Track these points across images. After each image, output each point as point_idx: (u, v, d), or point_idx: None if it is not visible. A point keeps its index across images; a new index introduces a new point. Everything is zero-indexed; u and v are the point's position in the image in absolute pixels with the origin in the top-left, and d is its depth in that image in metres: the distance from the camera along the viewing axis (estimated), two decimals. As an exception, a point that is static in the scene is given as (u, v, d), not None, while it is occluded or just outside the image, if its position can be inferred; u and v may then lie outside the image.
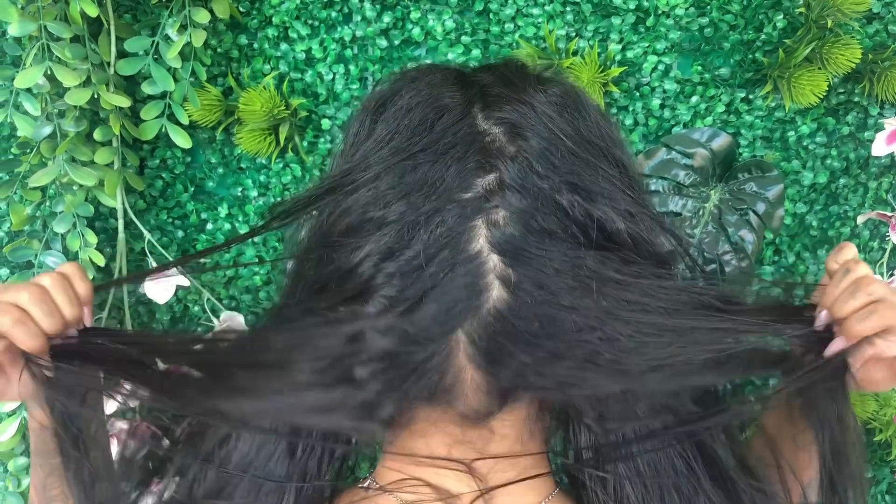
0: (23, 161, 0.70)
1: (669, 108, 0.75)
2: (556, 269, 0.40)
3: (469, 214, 0.40)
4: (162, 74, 0.68)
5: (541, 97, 0.45)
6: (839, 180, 0.77)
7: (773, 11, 0.72)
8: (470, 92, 0.45)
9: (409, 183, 0.41)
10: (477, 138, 0.43)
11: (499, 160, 0.42)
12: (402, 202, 0.41)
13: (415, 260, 0.40)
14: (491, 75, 0.47)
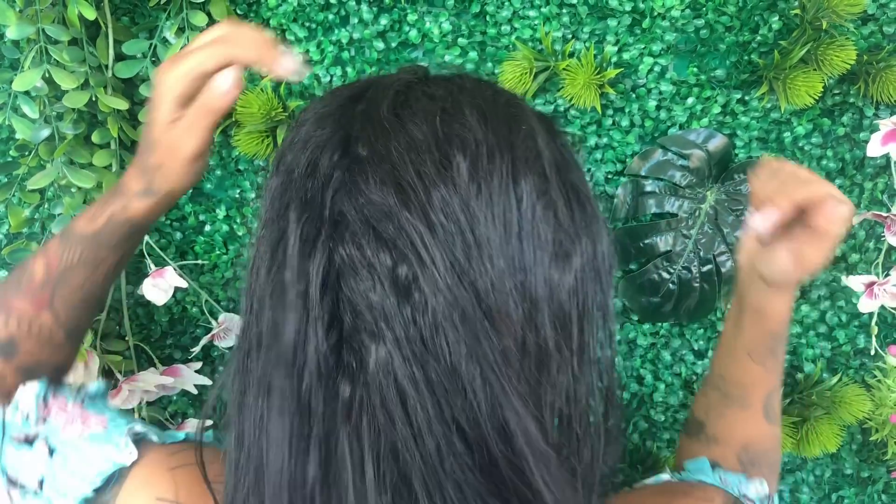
0: (21, 163, 0.70)
1: (665, 110, 0.75)
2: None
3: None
4: (160, 77, 0.68)
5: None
6: (835, 181, 0.77)
7: (769, 13, 0.72)
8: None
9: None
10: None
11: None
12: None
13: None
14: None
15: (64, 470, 0.48)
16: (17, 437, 0.50)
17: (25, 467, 0.49)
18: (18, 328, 0.52)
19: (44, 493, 0.48)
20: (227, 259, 0.79)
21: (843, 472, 0.83)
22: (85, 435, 0.49)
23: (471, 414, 0.35)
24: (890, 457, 0.79)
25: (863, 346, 0.80)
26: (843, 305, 0.79)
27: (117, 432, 0.49)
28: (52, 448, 0.49)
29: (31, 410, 0.51)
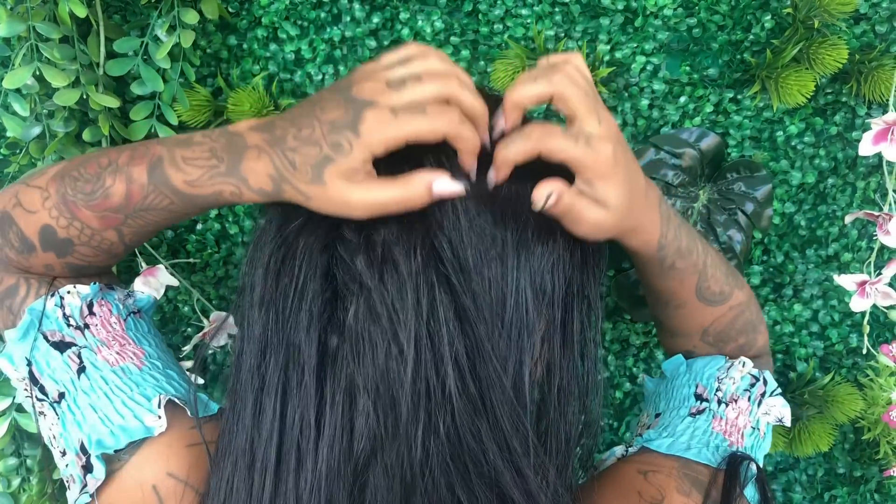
0: (12, 161, 0.70)
1: (658, 109, 0.75)
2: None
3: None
4: (151, 75, 0.68)
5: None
6: (827, 180, 0.77)
7: (761, 12, 0.72)
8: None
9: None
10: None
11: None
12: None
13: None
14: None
15: (87, 398, 0.47)
16: (51, 336, 0.48)
17: (52, 372, 0.48)
18: (80, 235, 0.48)
19: (61, 407, 0.47)
20: (218, 258, 0.78)
21: (835, 472, 0.83)
22: (118, 366, 0.48)
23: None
24: (882, 456, 0.79)
25: (855, 345, 0.80)
26: (836, 304, 0.79)
27: (151, 383, 0.48)
28: (83, 365, 0.48)
29: (73, 312, 0.49)
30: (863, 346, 0.78)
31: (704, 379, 0.57)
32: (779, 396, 0.57)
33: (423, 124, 0.38)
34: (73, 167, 0.48)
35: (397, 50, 0.42)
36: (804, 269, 0.79)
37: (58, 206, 0.47)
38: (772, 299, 0.79)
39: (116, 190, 0.46)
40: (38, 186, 0.48)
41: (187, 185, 0.44)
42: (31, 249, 0.49)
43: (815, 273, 0.79)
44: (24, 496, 0.76)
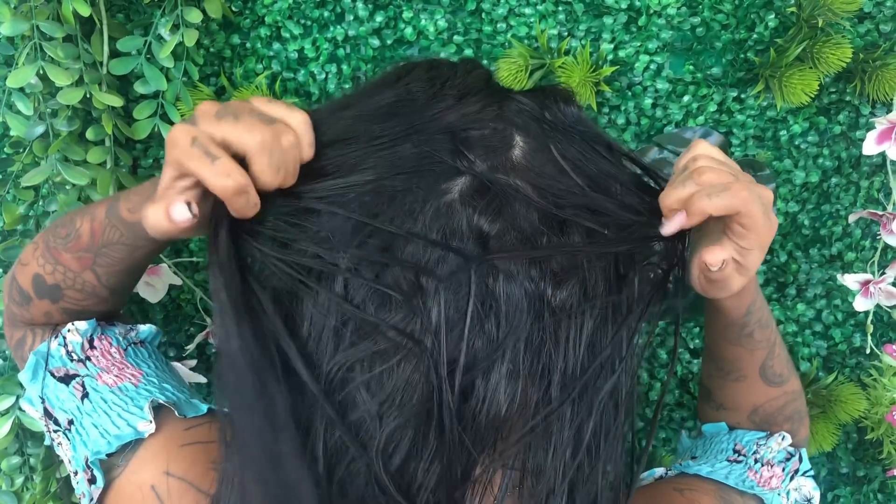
0: (15, 160, 0.70)
1: (661, 108, 0.75)
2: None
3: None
4: (154, 74, 0.68)
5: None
6: (831, 179, 0.77)
7: (765, 11, 0.72)
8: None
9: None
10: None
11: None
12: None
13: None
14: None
15: (90, 419, 0.49)
16: (57, 372, 0.52)
17: (61, 403, 0.51)
18: (65, 279, 0.52)
19: (71, 433, 0.50)
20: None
21: (838, 471, 0.83)
22: (116, 387, 0.51)
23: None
24: (885, 456, 0.79)
25: (858, 344, 0.80)
26: (839, 304, 0.79)
27: (145, 395, 0.50)
28: (86, 392, 0.51)
29: (75, 348, 0.52)
30: (866, 345, 0.77)
31: (744, 441, 0.58)
32: (811, 479, 0.58)
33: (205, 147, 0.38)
34: (60, 219, 0.54)
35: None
36: (808, 268, 0.79)
37: (44, 253, 0.52)
38: (775, 299, 0.79)
39: (84, 230, 0.50)
40: (33, 242, 0.54)
41: (128, 213, 0.48)
42: (28, 300, 0.54)
43: (818, 272, 0.79)
44: (28, 495, 0.76)
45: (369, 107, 0.43)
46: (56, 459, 0.75)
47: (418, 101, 0.43)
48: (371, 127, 0.41)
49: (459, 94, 0.43)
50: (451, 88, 0.43)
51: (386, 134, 0.41)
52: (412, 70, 0.45)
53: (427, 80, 0.44)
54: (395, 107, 0.43)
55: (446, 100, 0.42)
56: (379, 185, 0.39)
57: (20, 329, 0.56)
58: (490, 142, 0.41)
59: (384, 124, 0.41)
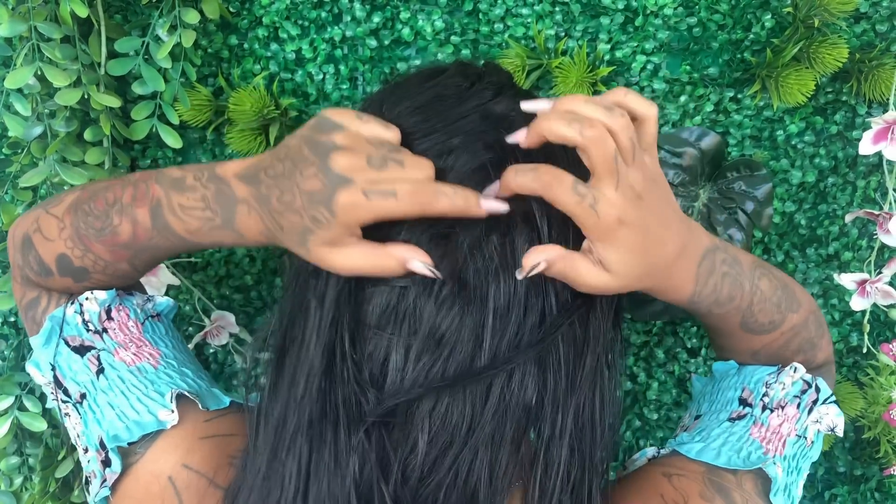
0: (14, 161, 0.70)
1: (658, 108, 0.75)
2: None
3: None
4: (152, 75, 0.68)
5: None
6: (827, 179, 0.77)
7: (761, 11, 0.72)
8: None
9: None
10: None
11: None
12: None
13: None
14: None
15: (106, 397, 0.49)
16: (72, 341, 0.51)
17: (73, 374, 0.50)
18: (94, 265, 0.51)
19: (83, 407, 0.50)
20: (220, 257, 0.79)
21: (835, 470, 0.83)
22: (135, 366, 0.51)
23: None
24: (882, 455, 0.80)
25: (855, 344, 0.80)
26: (836, 303, 0.79)
27: (165, 381, 0.50)
28: (102, 367, 0.50)
29: (91, 318, 0.52)
30: (863, 344, 0.78)
31: (752, 383, 0.56)
32: (833, 404, 0.55)
33: (392, 207, 0.40)
34: (84, 199, 0.51)
35: (380, 123, 0.42)
36: (804, 268, 0.79)
37: (73, 237, 0.50)
38: (772, 298, 0.80)
39: (123, 229, 0.49)
40: (55, 216, 0.52)
41: (189, 234, 0.47)
42: (49, 274, 0.52)
43: (815, 272, 0.79)
44: (27, 495, 0.76)
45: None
46: (55, 459, 0.75)
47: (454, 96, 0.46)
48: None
49: (496, 89, 0.46)
50: (489, 85, 0.46)
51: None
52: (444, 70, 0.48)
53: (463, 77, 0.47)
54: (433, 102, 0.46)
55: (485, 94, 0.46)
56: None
57: (34, 290, 0.54)
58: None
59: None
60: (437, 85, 0.47)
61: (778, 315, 0.54)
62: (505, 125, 0.44)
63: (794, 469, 0.53)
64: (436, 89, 0.46)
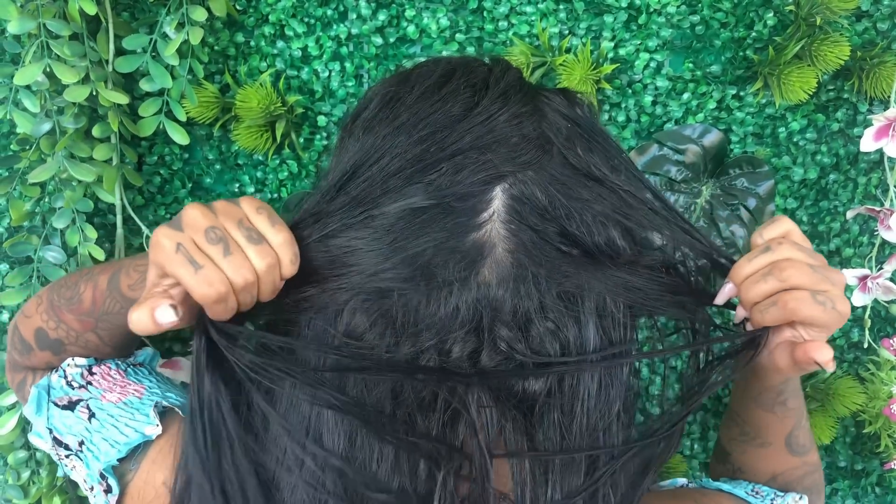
0: (22, 157, 0.71)
1: (661, 105, 0.76)
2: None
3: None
4: (160, 72, 0.69)
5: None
6: (829, 176, 0.78)
7: (764, 9, 0.73)
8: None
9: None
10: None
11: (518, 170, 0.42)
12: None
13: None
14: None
15: (99, 434, 0.51)
16: (60, 401, 0.53)
17: (69, 429, 0.52)
18: (67, 336, 0.55)
19: (83, 453, 0.51)
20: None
21: (836, 465, 0.84)
22: (121, 402, 0.52)
23: None
24: (883, 449, 0.80)
25: (856, 339, 0.80)
26: (837, 299, 0.80)
27: (149, 404, 0.52)
28: (92, 412, 0.52)
29: (74, 377, 0.54)
30: (864, 340, 0.78)
31: (763, 490, 0.58)
32: None
33: (188, 278, 0.39)
34: (64, 278, 0.56)
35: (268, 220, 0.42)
36: (806, 264, 0.79)
37: (47, 310, 0.55)
38: (774, 294, 0.80)
39: (86, 296, 0.53)
40: (37, 296, 0.57)
41: (129, 289, 0.51)
42: (29, 349, 0.56)
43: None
44: (34, 489, 0.76)
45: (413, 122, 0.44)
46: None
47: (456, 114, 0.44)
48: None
49: (502, 97, 0.45)
50: (495, 92, 0.45)
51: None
52: (450, 79, 0.46)
53: (469, 88, 0.45)
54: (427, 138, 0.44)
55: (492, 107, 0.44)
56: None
57: (21, 372, 0.58)
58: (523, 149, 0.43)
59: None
60: (443, 104, 0.45)
61: (809, 442, 0.57)
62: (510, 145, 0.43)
63: None
64: (444, 111, 0.44)
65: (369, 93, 0.49)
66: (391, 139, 0.43)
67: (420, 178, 0.41)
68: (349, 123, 0.48)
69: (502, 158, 0.42)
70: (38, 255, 0.72)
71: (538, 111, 0.45)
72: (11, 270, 0.73)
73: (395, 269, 0.41)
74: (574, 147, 0.44)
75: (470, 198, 0.41)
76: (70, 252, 0.73)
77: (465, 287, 0.40)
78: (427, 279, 0.40)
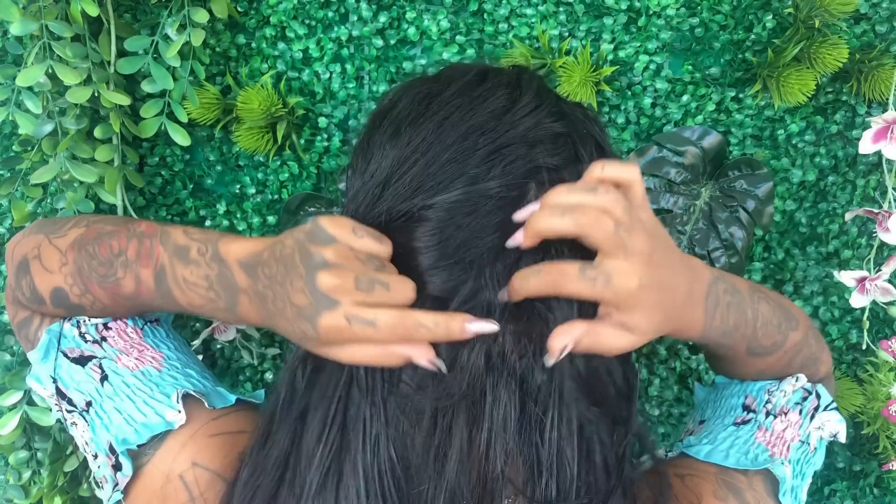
0: (24, 158, 0.71)
1: (661, 107, 0.76)
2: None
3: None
4: (161, 73, 0.69)
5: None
6: (828, 178, 0.78)
7: (763, 12, 0.73)
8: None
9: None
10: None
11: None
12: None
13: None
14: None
15: (112, 402, 0.49)
16: (71, 353, 0.51)
17: (77, 385, 0.51)
18: (92, 305, 0.51)
19: (90, 415, 0.50)
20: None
21: (835, 466, 0.84)
22: (138, 370, 0.51)
23: None
24: (881, 450, 0.80)
25: (855, 340, 0.81)
26: (836, 301, 0.80)
27: (170, 382, 0.51)
28: (105, 374, 0.50)
29: (89, 330, 0.52)
30: (863, 341, 0.78)
31: (755, 391, 0.57)
32: (834, 411, 0.55)
33: (371, 335, 0.39)
34: (89, 239, 0.51)
35: (373, 237, 0.42)
36: (805, 265, 0.80)
37: (74, 275, 0.50)
38: (773, 296, 0.80)
39: (127, 284, 0.49)
40: (58, 248, 0.51)
41: (192, 307, 0.48)
42: (41, 303, 0.52)
43: (815, 270, 0.80)
44: (35, 489, 0.77)
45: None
46: (63, 453, 0.76)
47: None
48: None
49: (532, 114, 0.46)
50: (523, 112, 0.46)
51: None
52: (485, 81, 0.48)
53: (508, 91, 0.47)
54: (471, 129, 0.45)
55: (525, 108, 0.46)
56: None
57: (25, 310, 0.54)
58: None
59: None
60: (483, 100, 0.46)
61: (780, 336, 0.54)
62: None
63: (799, 474, 0.54)
64: (488, 104, 0.45)
65: (391, 94, 0.49)
66: (435, 134, 0.44)
67: (467, 171, 0.43)
68: (377, 122, 0.48)
69: (545, 154, 0.44)
70: (39, 256, 0.72)
71: (564, 116, 0.47)
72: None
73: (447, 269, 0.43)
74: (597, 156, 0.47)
75: (514, 189, 0.43)
76: (71, 253, 0.73)
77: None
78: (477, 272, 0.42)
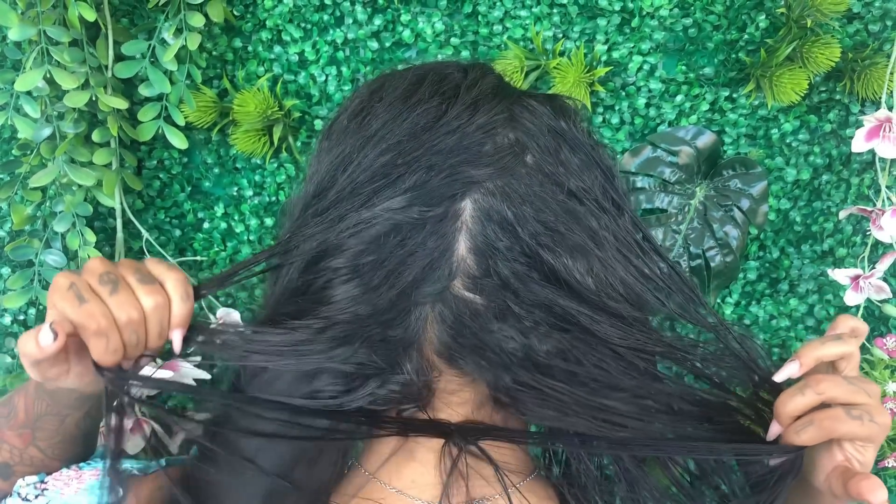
0: (23, 162, 0.71)
1: (655, 107, 0.76)
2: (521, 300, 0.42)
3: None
4: (158, 77, 0.70)
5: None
6: (822, 176, 0.78)
7: (756, 12, 0.74)
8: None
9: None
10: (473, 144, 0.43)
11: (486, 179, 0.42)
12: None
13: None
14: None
15: None
16: None
17: None
18: (11, 456, 0.53)
19: None
20: (225, 256, 0.80)
21: (831, 464, 0.84)
22: (82, 488, 0.52)
23: None
24: (880, 450, 0.81)
25: (850, 338, 0.81)
26: (831, 299, 0.80)
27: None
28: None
29: (28, 493, 0.53)
30: (857, 339, 0.79)
31: None
32: None
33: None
34: (5, 397, 0.54)
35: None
36: (799, 264, 0.80)
37: None
38: (768, 294, 0.81)
39: (20, 406, 0.52)
40: None
41: (48, 382, 0.48)
42: None
43: (810, 268, 0.80)
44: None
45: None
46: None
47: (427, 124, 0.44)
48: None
49: (473, 104, 0.44)
50: (464, 102, 0.44)
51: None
52: (420, 85, 0.46)
53: (439, 95, 0.45)
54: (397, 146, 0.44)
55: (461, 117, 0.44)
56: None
57: None
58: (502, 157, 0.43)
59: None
60: (409, 114, 0.44)
61: None
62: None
63: None
64: (410, 121, 0.44)
65: (346, 100, 0.49)
66: (358, 151, 0.44)
67: (386, 190, 0.42)
68: (327, 130, 0.48)
69: (470, 167, 0.42)
70: (39, 259, 0.73)
71: (513, 119, 0.44)
72: (13, 274, 0.74)
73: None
74: (553, 158, 0.44)
75: (437, 207, 0.42)
76: (70, 255, 0.74)
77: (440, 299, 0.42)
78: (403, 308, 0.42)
